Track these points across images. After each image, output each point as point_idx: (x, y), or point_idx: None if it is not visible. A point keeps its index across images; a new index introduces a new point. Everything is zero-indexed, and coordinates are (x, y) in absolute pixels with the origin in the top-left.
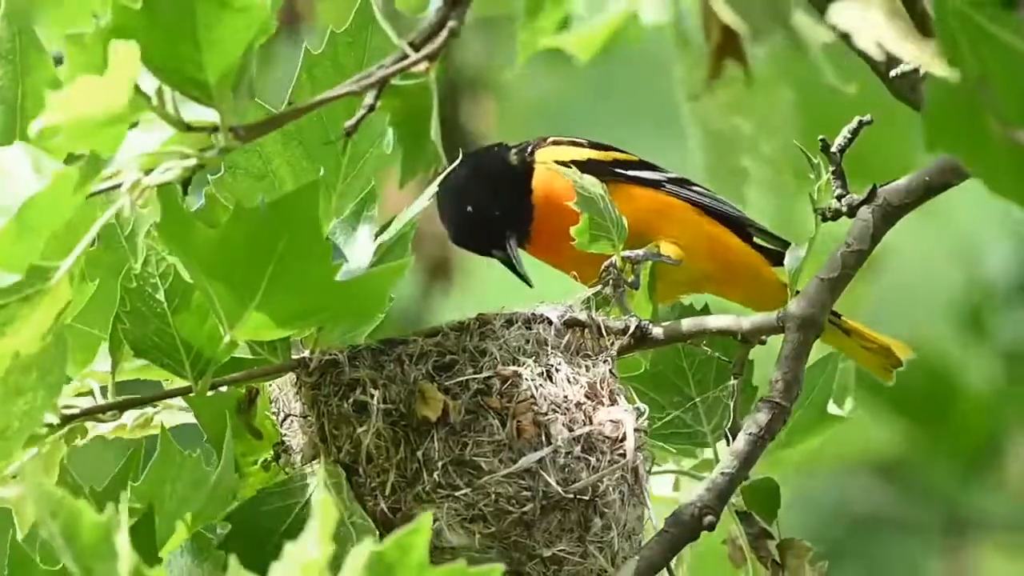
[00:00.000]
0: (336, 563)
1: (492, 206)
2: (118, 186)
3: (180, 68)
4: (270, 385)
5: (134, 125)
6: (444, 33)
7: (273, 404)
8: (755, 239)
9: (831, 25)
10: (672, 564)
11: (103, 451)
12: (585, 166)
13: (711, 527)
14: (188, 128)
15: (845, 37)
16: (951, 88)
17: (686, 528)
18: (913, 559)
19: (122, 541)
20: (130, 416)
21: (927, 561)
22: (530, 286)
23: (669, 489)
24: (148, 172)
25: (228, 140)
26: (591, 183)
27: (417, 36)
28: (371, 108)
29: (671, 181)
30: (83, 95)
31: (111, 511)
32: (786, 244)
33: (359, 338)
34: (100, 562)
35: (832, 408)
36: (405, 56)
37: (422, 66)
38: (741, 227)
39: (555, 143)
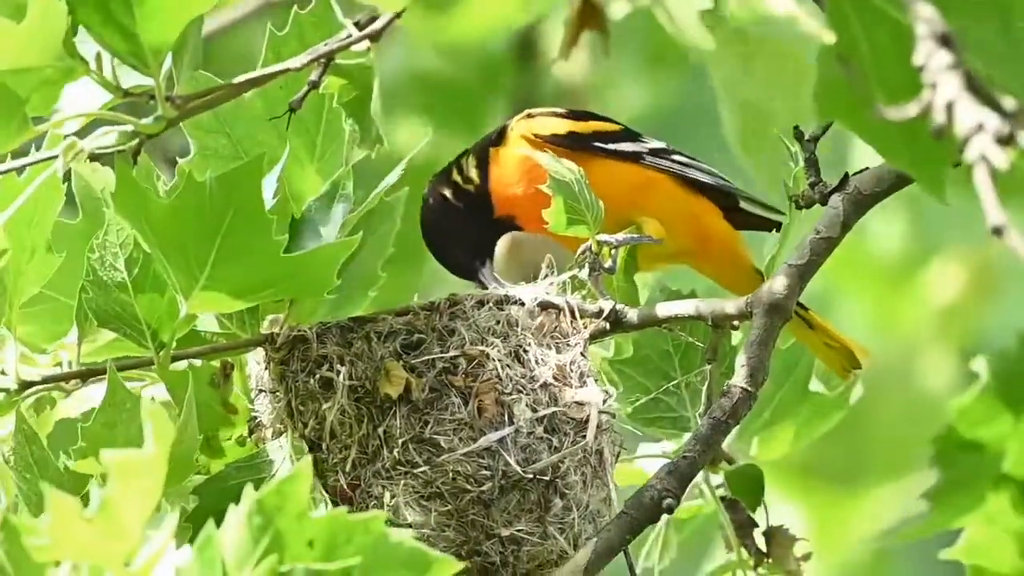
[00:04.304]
0: None
1: (463, 235)
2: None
3: (116, 34)
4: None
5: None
6: (388, 14)
7: (250, 379)
8: (742, 205)
9: None
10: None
11: None
12: (565, 138)
13: (670, 510)
14: (126, 94)
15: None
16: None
17: (645, 511)
18: None
19: None
20: None
21: None
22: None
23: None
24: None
25: (165, 109)
26: (566, 167)
27: (363, 16)
28: (315, 85)
29: (652, 152)
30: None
31: None
32: (772, 208)
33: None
34: None
35: (815, 386)
36: (349, 35)
37: (363, 45)
38: (725, 195)
39: (529, 115)
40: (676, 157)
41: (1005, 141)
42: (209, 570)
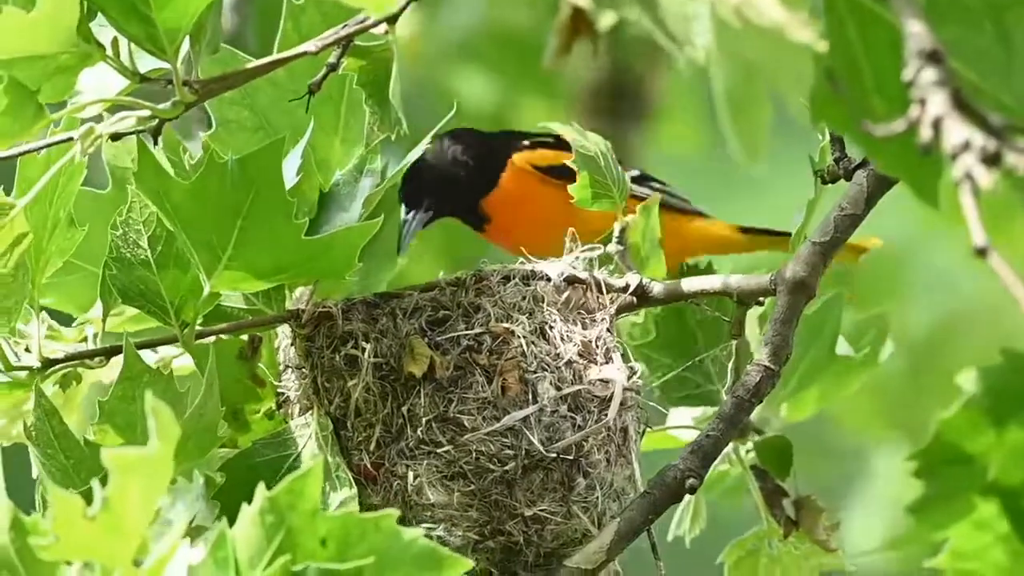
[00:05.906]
0: None
1: (451, 176)
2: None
3: (133, 19)
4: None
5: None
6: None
7: (279, 353)
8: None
9: None
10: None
11: None
12: (561, 169)
13: (692, 490)
14: (143, 79)
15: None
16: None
17: (668, 490)
18: None
19: None
20: (149, 360)
21: None
22: (397, 254)
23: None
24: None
25: (183, 94)
26: (593, 140)
27: None
28: (334, 67)
29: (635, 180)
30: (12, 29)
31: None
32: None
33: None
34: None
35: (841, 348)
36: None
37: (381, 28)
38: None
39: (531, 147)
40: (653, 184)
41: (991, 160)
42: (222, 569)
